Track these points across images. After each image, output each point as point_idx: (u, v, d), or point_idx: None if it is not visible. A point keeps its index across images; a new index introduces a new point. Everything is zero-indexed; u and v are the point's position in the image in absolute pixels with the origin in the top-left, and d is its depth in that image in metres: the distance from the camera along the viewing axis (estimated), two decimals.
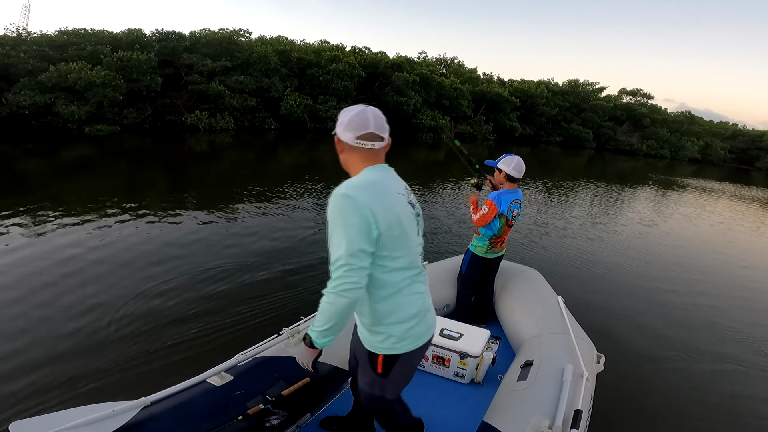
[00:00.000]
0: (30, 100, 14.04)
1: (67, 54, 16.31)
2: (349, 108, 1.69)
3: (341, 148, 1.71)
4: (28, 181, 8.49)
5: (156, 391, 2.06)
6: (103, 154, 12.26)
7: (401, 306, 1.71)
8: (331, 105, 22.60)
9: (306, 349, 1.71)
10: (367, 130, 1.65)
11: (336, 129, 1.70)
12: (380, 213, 1.55)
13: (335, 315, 1.54)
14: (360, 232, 1.51)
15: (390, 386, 1.90)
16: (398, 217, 1.63)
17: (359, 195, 1.53)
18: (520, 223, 8.58)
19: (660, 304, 5.51)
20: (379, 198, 1.57)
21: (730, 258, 8.41)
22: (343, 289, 1.49)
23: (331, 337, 1.62)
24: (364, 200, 1.52)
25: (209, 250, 5.52)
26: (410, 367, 1.89)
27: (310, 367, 1.76)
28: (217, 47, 20.17)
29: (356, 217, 1.51)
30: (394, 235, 1.61)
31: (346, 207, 1.51)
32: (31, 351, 3.29)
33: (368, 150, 1.67)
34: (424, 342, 1.81)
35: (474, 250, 3.60)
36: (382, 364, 1.79)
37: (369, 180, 1.62)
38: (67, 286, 4.28)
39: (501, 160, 3.40)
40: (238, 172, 11.55)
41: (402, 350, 1.75)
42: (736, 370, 4.18)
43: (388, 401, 1.97)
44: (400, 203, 1.67)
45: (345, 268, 1.49)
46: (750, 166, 45.27)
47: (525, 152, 27.86)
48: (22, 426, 1.67)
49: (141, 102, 17.33)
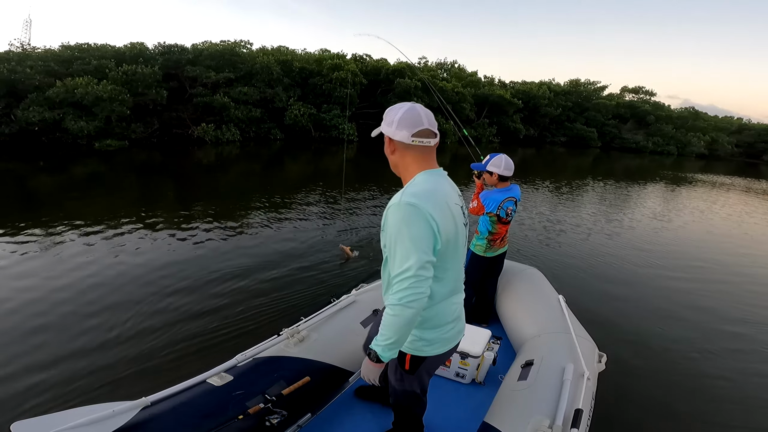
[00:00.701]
0: (39, 116, 14.22)
1: (73, 69, 16.52)
2: (396, 106, 1.63)
3: (393, 149, 1.65)
4: (41, 197, 8.62)
5: (156, 391, 2.09)
6: (114, 170, 12.40)
7: (439, 314, 1.72)
8: (335, 113, 22.75)
9: (372, 364, 1.61)
10: (422, 126, 1.59)
11: (384, 129, 1.64)
12: (443, 225, 1.53)
13: (402, 327, 1.49)
14: (428, 243, 1.48)
15: (417, 381, 1.96)
16: (456, 230, 1.62)
17: (425, 205, 1.49)
18: (523, 222, 8.56)
19: (662, 303, 5.46)
20: (441, 209, 1.54)
21: (736, 256, 8.29)
22: (410, 300, 1.45)
23: (396, 349, 1.57)
24: (430, 210, 1.49)
25: (211, 255, 5.58)
26: (436, 366, 1.95)
27: (376, 381, 1.70)
28: (219, 59, 20.37)
29: (424, 227, 1.48)
30: (450, 248, 1.60)
31: (413, 217, 1.48)
32: (32, 353, 3.35)
33: (423, 148, 1.61)
34: (452, 346, 1.85)
35: (474, 249, 3.61)
36: (409, 363, 1.81)
37: (431, 188, 1.57)
38: (71, 291, 4.36)
39: (489, 162, 3.39)
40: (245, 183, 11.65)
41: (430, 353, 1.78)
42: (739, 370, 4.12)
43: (418, 395, 2.05)
44: (457, 214, 1.64)
45: (413, 280, 1.45)
46: (758, 159, 45.17)
47: (530, 153, 27.82)
48: (23, 426, 1.70)
49: (147, 116, 17.52)
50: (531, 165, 21.82)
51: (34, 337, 3.56)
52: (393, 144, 1.63)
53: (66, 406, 1.87)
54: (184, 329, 3.79)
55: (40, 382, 3.03)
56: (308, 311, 2.88)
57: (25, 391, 2.94)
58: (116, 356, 3.38)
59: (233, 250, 5.83)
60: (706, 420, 3.38)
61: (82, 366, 3.24)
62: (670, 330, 4.72)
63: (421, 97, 25.98)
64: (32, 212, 7.23)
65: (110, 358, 3.36)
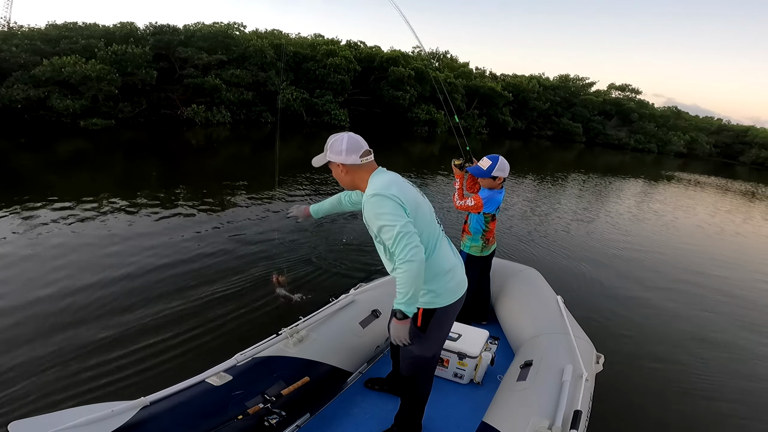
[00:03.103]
0: (23, 94, 13.92)
1: (60, 48, 16.17)
2: (336, 138, 1.96)
3: (346, 171, 1.98)
4: (22, 175, 8.43)
5: (155, 391, 2.05)
6: (98, 148, 12.18)
7: (431, 266, 1.96)
8: (327, 99, 22.56)
9: (399, 323, 1.84)
10: (364, 148, 1.96)
11: (334, 158, 1.96)
12: (404, 197, 1.85)
13: (414, 279, 1.75)
14: (401, 211, 1.82)
15: (428, 342, 2.12)
16: (416, 197, 1.98)
17: (385, 191, 1.83)
18: (520, 222, 8.58)
19: (660, 304, 5.52)
20: (399, 186, 1.91)
21: (735, 255, 8.43)
22: (410, 253, 1.73)
23: (416, 302, 1.82)
24: (390, 192, 1.83)
25: (207, 249, 5.45)
26: (446, 320, 2.14)
27: (407, 339, 1.90)
28: (212, 41, 20.04)
29: (391, 204, 1.81)
30: (419, 212, 1.94)
31: (381, 201, 1.82)
32: (28, 351, 3.26)
33: (369, 163, 1.99)
34: (458, 298, 2.09)
35: (469, 251, 3.53)
36: (421, 318, 2.03)
37: (387, 179, 1.93)
38: (64, 285, 4.24)
39: (495, 168, 3.27)
40: (234, 166, 11.52)
41: (439, 305, 2.03)
42: (738, 370, 4.19)
43: (428, 359, 2.19)
44: (413, 188, 2.05)
45: (402, 237, 1.74)
46: (734, 160, 46.06)
47: (517, 146, 27.98)
48: (21, 426, 1.66)
49: (136, 96, 17.22)
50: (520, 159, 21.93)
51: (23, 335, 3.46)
52: (345, 167, 1.97)
53: (64, 405, 1.83)
54: (183, 328, 3.73)
55: (38, 381, 2.97)
56: (307, 310, 2.85)
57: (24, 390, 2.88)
58: (115, 356, 3.31)
59: (229, 244, 5.70)
60: (704, 420, 3.44)
61: (81, 365, 3.17)
62: (668, 331, 4.78)
63: (414, 85, 25.89)
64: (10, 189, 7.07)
65: (109, 357, 3.29)
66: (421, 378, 2.25)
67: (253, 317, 4.02)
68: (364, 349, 2.94)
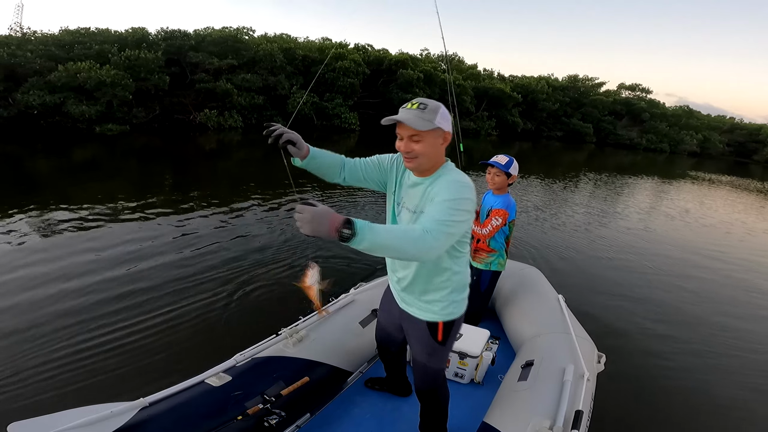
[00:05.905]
0: (39, 99, 14.11)
1: (74, 53, 16.40)
2: (438, 104, 1.73)
3: (447, 143, 1.79)
4: (38, 181, 8.58)
5: (154, 391, 2.07)
6: (114, 154, 12.33)
7: (466, 271, 1.97)
8: (337, 102, 22.63)
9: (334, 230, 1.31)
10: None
11: (445, 126, 1.73)
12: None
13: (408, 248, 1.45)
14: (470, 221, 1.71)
15: (445, 353, 2.10)
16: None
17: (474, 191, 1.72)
18: (520, 221, 8.49)
19: (662, 303, 5.45)
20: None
21: (737, 256, 8.29)
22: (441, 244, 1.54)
23: (370, 251, 1.39)
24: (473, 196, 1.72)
25: (207, 249, 5.51)
26: (456, 335, 2.09)
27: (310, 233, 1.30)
28: (222, 45, 20.22)
29: (473, 204, 1.69)
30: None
31: (470, 194, 1.68)
32: (29, 352, 3.31)
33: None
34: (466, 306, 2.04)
35: (498, 268, 3.36)
36: (442, 332, 1.97)
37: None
38: (66, 287, 4.30)
39: (511, 166, 3.16)
40: (246, 171, 11.58)
41: (458, 314, 1.97)
42: (740, 370, 4.13)
43: (443, 369, 2.20)
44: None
45: (455, 233, 1.60)
46: (748, 158, 45.53)
47: (526, 147, 27.76)
48: (20, 427, 1.68)
49: (149, 101, 17.42)
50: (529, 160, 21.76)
51: (25, 336, 3.51)
52: (447, 136, 1.77)
53: (64, 406, 1.85)
54: (182, 328, 3.76)
55: (37, 382, 3.02)
56: (307, 310, 2.86)
57: (23, 391, 2.93)
58: (114, 356, 3.35)
59: (231, 247, 5.74)
60: (705, 420, 3.39)
61: (80, 366, 3.22)
62: (670, 330, 4.72)
63: (423, 88, 25.87)
64: (27, 195, 7.19)
65: (108, 357, 3.33)
66: (442, 387, 2.25)
67: (252, 317, 4.05)
68: (364, 349, 2.95)
